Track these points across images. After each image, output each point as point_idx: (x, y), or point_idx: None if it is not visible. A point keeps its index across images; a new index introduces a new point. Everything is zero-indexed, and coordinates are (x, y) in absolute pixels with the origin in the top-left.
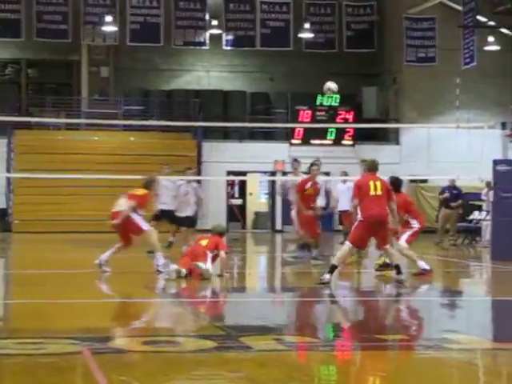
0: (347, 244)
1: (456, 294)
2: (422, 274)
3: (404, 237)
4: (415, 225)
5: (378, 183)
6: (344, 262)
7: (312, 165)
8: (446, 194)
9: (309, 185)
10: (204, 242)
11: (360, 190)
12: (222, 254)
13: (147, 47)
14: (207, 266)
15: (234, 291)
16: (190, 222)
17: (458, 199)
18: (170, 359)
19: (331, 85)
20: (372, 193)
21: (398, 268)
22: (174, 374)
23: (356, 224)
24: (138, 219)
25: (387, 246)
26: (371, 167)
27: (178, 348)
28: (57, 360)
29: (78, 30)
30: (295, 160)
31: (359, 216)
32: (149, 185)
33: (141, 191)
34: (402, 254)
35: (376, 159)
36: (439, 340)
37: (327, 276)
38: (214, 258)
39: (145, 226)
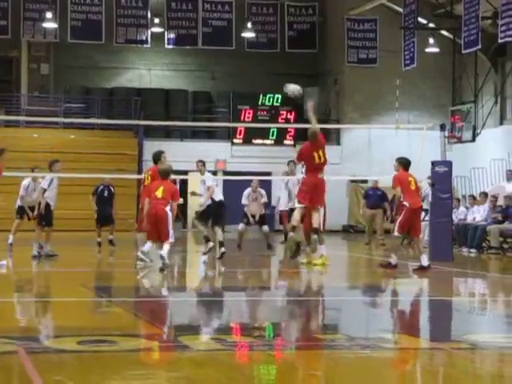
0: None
1: (393, 294)
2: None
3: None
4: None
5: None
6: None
7: None
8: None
9: None
10: (159, 193)
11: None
12: (174, 205)
13: (88, 44)
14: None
15: (173, 290)
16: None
17: (382, 200)
18: (105, 359)
19: (292, 87)
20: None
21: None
22: (110, 373)
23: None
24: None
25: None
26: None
27: (115, 347)
28: None
29: (17, 26)
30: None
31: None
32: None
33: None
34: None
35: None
36: (376, 340)
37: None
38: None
39: None
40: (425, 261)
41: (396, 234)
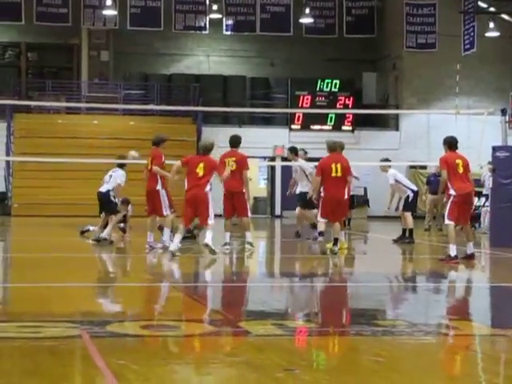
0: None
1: (455, 281)
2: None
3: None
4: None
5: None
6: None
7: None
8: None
9: None
10: (200, 171)
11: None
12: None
13: (147, 31)
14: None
15: (234, 276)
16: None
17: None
18: (168, 343)
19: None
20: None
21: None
22: (172, 358)
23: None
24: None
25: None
26: (451, 144)
27: (177, 332)
28: (56, 344)
29: (77, 14)
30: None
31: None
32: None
33: None
34: None
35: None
36: (437, 326)
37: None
38: None
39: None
40: (470, 249)
41: (448, 222)
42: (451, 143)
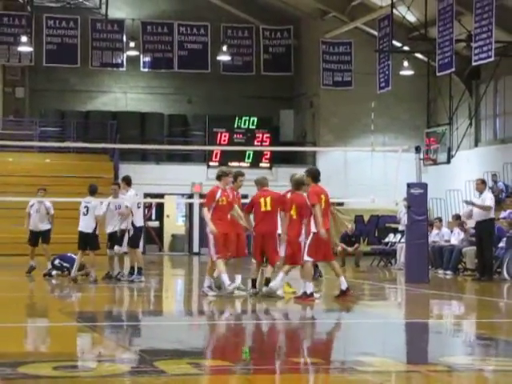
0: None
1: (370, 317)
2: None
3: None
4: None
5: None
6: None
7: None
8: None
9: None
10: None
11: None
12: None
13: (64, 68)
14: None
15: (149, 314)
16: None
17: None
18: None
19: None
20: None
21: None
22: None
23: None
24: None
25: None
26: (314, 176)
27: (91, 373)
28: None
29: None
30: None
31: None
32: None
33: None
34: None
35: None
36: (353, 363)
37: None
38: None
39: None
40: (343, 284)
41: (307, 259)
42: (314, 175)
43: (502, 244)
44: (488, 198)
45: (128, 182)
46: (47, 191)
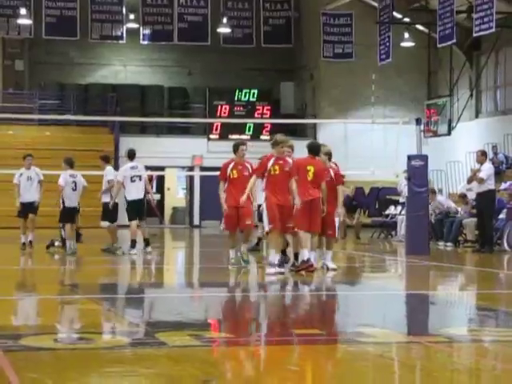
0: None
1: (370, 288)
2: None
3: None
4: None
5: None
6: None
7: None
8: None
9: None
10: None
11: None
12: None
13: (63, 41)
14: None
15: (151, 286)
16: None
17: (355, 208)
18: (82, 356)
19: None
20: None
21: None
22: (87, 371)
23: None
24: None
25: None
26: (310, 149)
27: (92, 345)
28: None
29: None
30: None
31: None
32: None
33: None
34: None
35: None
36: (354, 334)
37: None
38: None
39: None
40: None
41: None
42: (310, 148)
43: (502, 215)
44: (484, 170)
45: (103, 158)
46: (47, 165)
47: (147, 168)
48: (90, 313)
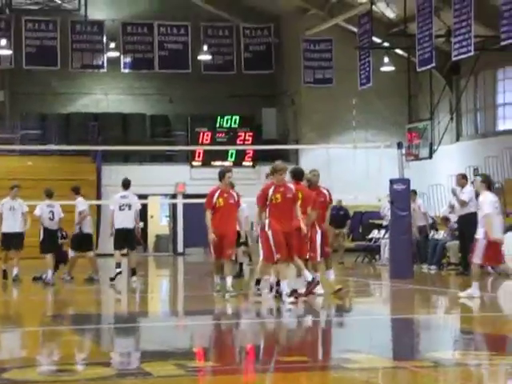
0: None
1: (355, 314)
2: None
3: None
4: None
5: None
6: None
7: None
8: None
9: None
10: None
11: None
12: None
13: (44, 70)
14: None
15: (135, 316)
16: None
17: (345, 219)
18: None
19: None
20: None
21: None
22: None
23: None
24: None
25: None
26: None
27: (76, 377)
28: None
29: None
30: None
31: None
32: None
33: None
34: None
35: None
36: (339, 360)
37: None
38: None
39: None
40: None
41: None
42: (294, 173)
43: None
44: (465, 193)
45: (73, 189)
46: (29, 195)
47: None
48: (73, 344)
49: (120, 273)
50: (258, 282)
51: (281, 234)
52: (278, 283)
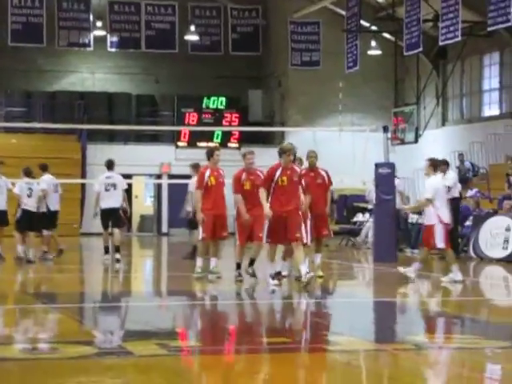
0: None
1: (338, 296)
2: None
3: None
4: None
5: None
6: None
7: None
8: None
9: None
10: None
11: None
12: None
13: (30, 48)
14: None
15: (118, 295)
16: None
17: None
18: (48, 366)
19: None
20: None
21: None
22: (53, 381)
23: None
24: None
25: None
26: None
27: (58, 355)
28: None
29: None
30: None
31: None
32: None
33: None
34: None
35: None
36: (321, 342)
37: None
38: None
39: None
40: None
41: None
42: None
43: (468, 223)
44: (448, 179)
45: (41, 167)
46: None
47: None
48: (55, 322)
49: (107, 259)
50: (238, 266)
51: (279, 219)
52: (251, 263)
